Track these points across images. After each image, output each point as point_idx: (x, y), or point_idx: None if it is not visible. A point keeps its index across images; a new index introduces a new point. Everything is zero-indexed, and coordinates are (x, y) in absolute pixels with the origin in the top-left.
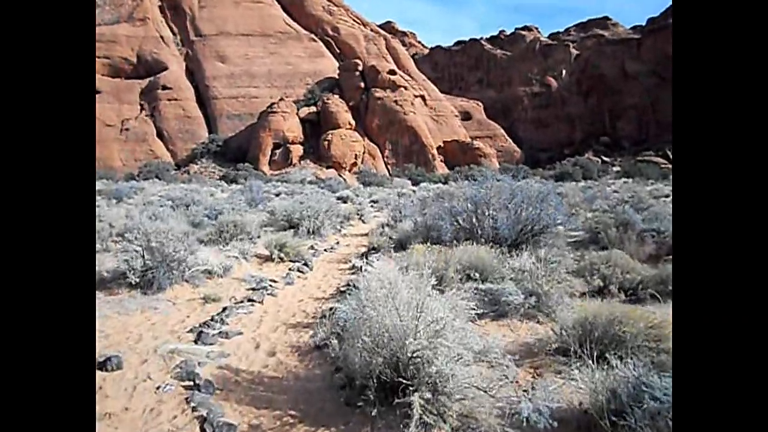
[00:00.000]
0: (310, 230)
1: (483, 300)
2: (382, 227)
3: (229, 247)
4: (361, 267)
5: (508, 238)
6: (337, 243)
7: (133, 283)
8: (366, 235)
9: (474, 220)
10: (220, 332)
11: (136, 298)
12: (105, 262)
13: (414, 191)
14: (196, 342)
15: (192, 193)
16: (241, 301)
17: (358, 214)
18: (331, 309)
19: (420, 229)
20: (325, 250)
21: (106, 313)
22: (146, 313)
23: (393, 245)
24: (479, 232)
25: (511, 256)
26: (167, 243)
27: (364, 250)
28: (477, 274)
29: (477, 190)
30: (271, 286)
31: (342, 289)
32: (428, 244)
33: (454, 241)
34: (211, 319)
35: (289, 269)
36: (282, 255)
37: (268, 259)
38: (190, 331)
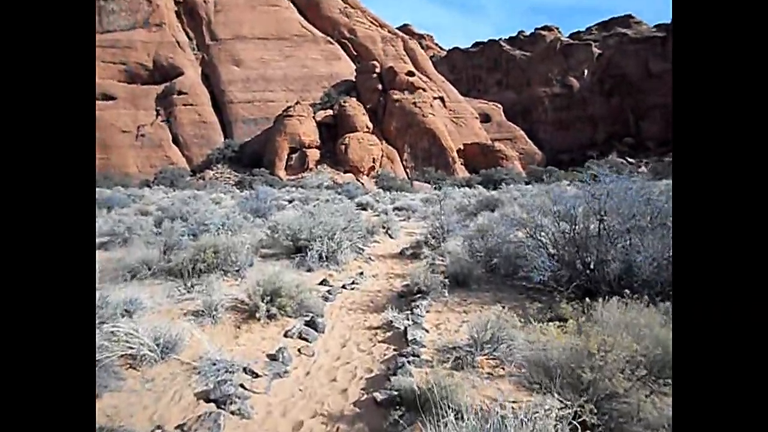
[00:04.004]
0: (323, 255)
1: None
2: (419, 246)
3: (194, 294)
4: (405, 330)
5: (654, 283)
6: (361, 274)
7: None
8: (398, 256)
9: (574, 248)
10: None
11: None
12: None
13: (438, 195)
14: None
15: (189, 203)
16: None
17: (383, 227)
18: None
19: (478, 256)
20: (343, 286)
21: None
22: None
23: (445, 278)
24: (588, 268)
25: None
26: None
27: (399, 284)
28: (655, 378)
29: (583, 198)
30: (242, 386)
31: (375, 394)
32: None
33: (552, 284)
34: None
35: (285, 335)
36: (274, 308)
37: (254, 315)
38: None
